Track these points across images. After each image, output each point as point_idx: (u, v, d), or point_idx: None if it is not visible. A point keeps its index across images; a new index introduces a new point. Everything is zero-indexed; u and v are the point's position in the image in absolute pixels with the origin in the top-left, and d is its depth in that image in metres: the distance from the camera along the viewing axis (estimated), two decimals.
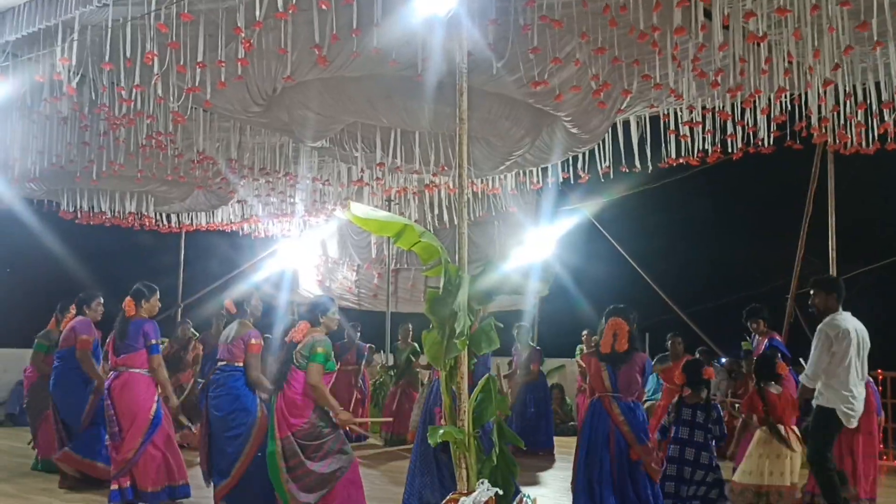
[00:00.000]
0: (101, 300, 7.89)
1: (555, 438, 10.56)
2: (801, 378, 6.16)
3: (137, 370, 6.53)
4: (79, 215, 12.20)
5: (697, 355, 9.16)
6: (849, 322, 6.05)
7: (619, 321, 5.64)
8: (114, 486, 6.42)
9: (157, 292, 6.79)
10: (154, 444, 6.51)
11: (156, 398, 6.60)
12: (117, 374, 6.51)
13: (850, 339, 5.96)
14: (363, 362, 11.60)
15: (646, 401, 10.43)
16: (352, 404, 11.07)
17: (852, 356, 5.95)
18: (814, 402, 6.15)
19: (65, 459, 7.36)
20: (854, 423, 6.05)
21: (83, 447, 7.39)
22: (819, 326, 6.09)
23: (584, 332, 10.75)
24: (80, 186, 10.91)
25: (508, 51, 6.27)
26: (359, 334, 11.74)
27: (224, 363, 6.39)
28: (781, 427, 6.11)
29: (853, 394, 5.95)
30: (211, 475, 6.41)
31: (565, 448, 9.93)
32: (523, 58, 6.37)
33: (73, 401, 7.52)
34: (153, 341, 6.55)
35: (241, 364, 6.39)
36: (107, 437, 6.67)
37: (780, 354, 6.75)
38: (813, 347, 6.08)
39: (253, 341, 6.37)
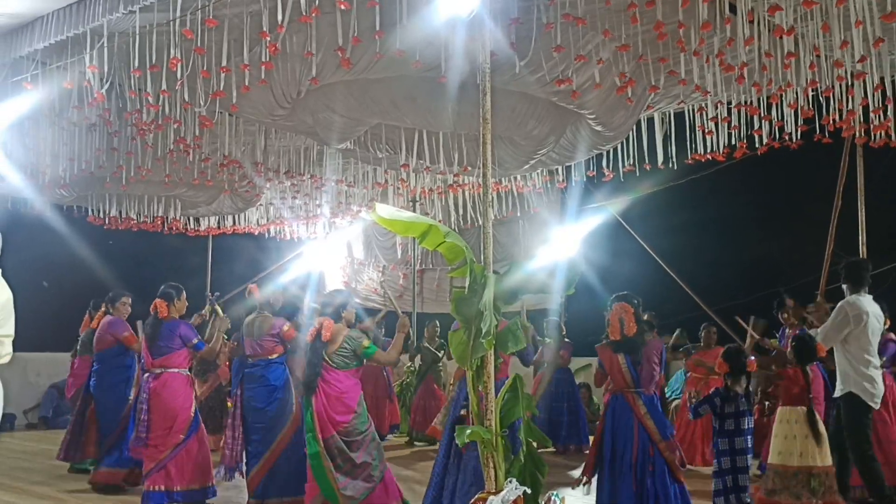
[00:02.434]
0: (128, 299, 7.99)
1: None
2: (817, 335, 6.29)
3: (176, 370, 6.61)
4: (107, 220, 12.36)
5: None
6: (868, 305, 6.19)
7: (623, 305, 5.58)
8: (147, 487, 6.49)
9: (184, 291, 6.90)
10: (193, 442, 6.60)
11: (194, 398, 6.70)
12: (156, 376, 6.58)
13: (870, 322, 6.13)
14: None
15: (672, 399, 10.40)
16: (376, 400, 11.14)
17: (870, 339, 6.12)
18: (837, 394, 6.25)
19: (99, 479, 7.41)
20: (878, 404, 6.14)
21: (111, 460, 7.45)
22: (841, 303, 6.25)
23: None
24: (110, 192, 11.05)
25: (531, 50, 6.26)
26: (382, 331, 11.78)
27: (257, 358, 6.47)
28: (804, 409, 6.05)
29: (872, 374, 6.10)
30: (236, 469, 6.49)
31: None
32: (546, 56, 6.36)
33: (114, 399, 7.64)
34: (195, 341, 6.69)
35: (274, 357, 6.52)
36: (132, 436, 6.73)
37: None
38: (831, 318, 6.24)
39: (285, 328, 6.50)
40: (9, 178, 9.43)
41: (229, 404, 8.96)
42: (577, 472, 8.89)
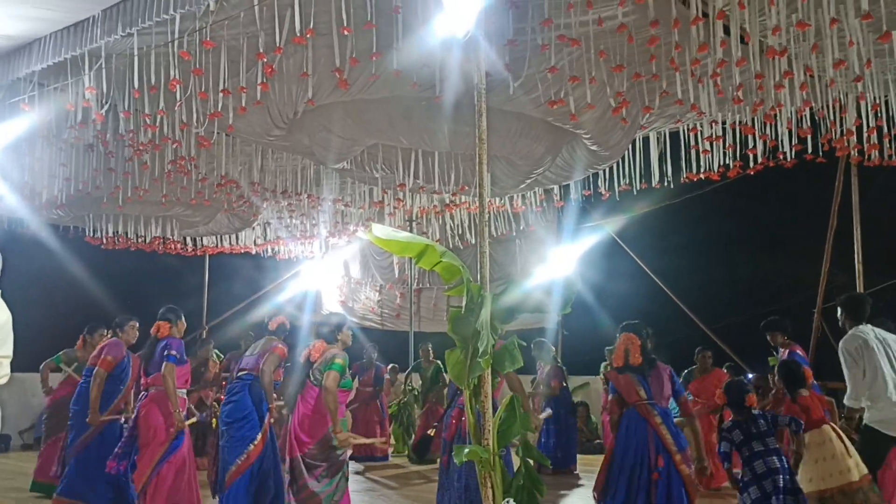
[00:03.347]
0: (136, 324, 7.90)
1: (579, 457, 10.46)
2: (846, 401, 5.96)
3: (160, 388, 6.57)
4: (104, 240, 12.36)
5: (725, 370, 9.07)
6: (868, 333, 5.90)
7: (631, 336, 5.63)
8: None
9: (182, 316, 6.88)
10: (169, 465, 6.42)
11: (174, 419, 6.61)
12: (147, 394, 6.55)
13: (872, 348, 5.81)
14: (381, 385, 11.60)
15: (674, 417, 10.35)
16: (367, 424, 11.12)
17: (880, 365, 5.79)
18: (863, 423, 5.91)
19: None
20: None
21: (71, 489, 7.18)
22: (839, 345, 5.97)
23: (608, 349, 10.67)
24: (106, 212, 11.06)
25: (526, 70, 6.31)
26: (376, 355, 11.72)
27: (245, 372, 6.39)
28: (828, 427, 5.92)
29: (888, 402, 5.72)
30: (217, 488, 6.40)
31: (590, 466, 9.84)
32: (541, 77, 6.40)
33: (84, 417, 7.51)
34: (173, 352, 6.53)
35: (256, 374, 6.38)
36: (111, 456, 6.64)
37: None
38: (845, 371, 5.91)
39: (279, 346, 6.42)
40: (6, 199, 9.44)
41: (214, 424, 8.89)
42: (572, 492, 8.89)
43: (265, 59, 6.05)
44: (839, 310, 6.16)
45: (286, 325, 6.71)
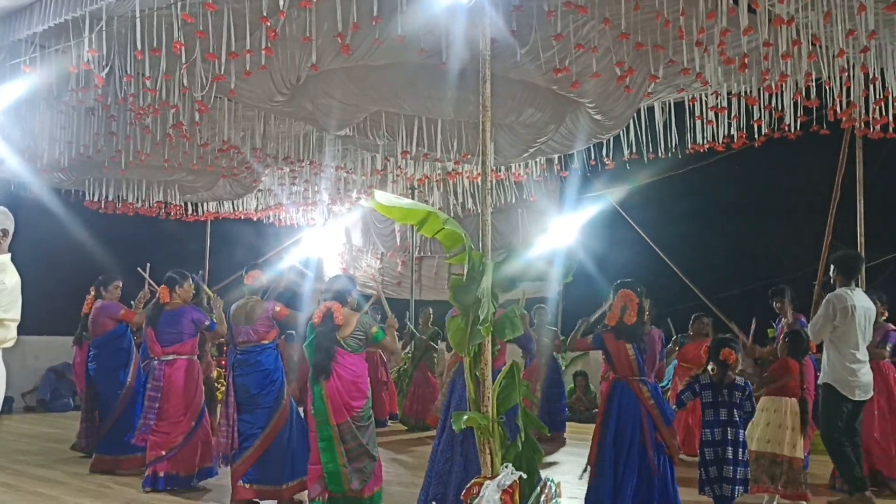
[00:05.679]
0: (120, 283, 7.92)
1: (578, 425, 10.55)
2: (808, 329, 6.42)
3: (188, 356, 6.63)
4: (104, 205, 12.35)
5: None
6: (857, 299, 6.28)
7: (629, 293, 5.60)
8: (149, 472, 6.52)
9: (190, 278, 6.88)
10: (201, 429, 6.66)
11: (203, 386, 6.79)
12: (169, 363, 6.61)
13: (856, 315, 6.21)
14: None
15: (665, 388, 10.41)
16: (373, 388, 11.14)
17: (857, 332, 6.22)
18: (819, 381, 6.41)
19: (97, 465, 7.43)
20: (860, 395, 6.23)
21: (109, 446, 7.44)
22: (828, 296, 6.35)
23: (601, 312, 10.64)
24: (108, 176, 11.03)
25: (532, 37, 6.25)
26: (379, 317, 11.75)
27: (251, 345, 6.31)
28: (794, 402, 6.08)
29: (857, 368, 6.21)
30: (232, 457, 6.31)
31: (586, 434, 9.90)
32: (546, 44, 6.35)
33: (113, 384, 7.65)
34: (207, 322, 6.75)
35: (266, 342, 6.35)
36: (139, 422, 6.73)
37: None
38: (819, 313, 6.34)
39: (277, 309, 6.37)
40: (8, 162, 9.41)
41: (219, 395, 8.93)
42: (559, 458, 8.95)
43: (269, 23, 6.00)
44: (832, 267, 6.43)
45: (262, 279, 6.62)
